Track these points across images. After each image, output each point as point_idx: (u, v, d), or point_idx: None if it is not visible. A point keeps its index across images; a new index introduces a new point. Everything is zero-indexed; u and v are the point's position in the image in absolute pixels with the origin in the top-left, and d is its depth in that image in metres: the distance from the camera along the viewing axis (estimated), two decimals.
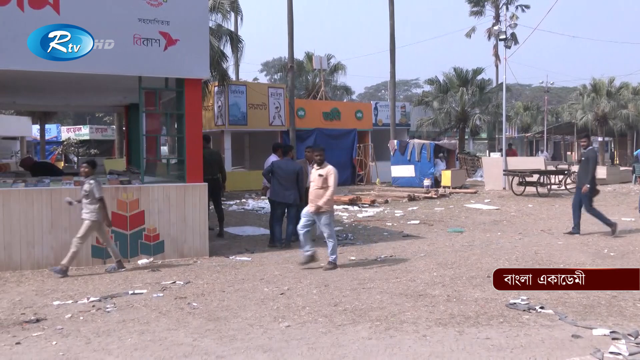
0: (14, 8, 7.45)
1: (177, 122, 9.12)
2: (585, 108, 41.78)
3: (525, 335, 4.99)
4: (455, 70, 34.72)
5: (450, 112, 34.23)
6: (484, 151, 45.45)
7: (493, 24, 40.92)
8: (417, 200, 17.94)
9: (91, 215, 7.42)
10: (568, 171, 20.98)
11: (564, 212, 14.24)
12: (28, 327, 5.33)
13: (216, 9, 20.90)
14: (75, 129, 40.85)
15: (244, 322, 5.44)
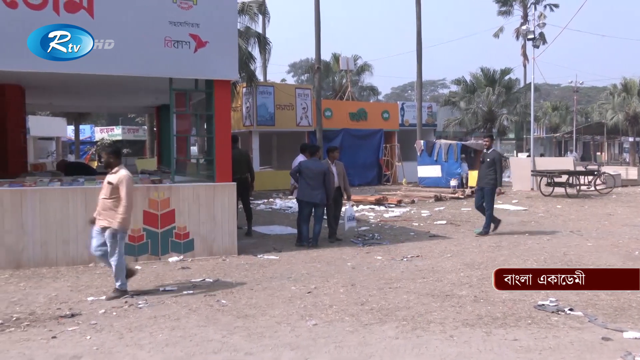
0: (50, 12, 7.59)
1: (207, 123, 9.20)
2: (616, 108, 40.87)
3: (554, 337, 4.90)
4: (483, 71, 34.32)
5: (477, 112, 33.84)
6: (512, 151, 44.80)
7: (521, 23, 40.40)
8: (443, 200, 17.79)
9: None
10: (598, 172, 20.54)
11: (593, 214, 13.97)
12: (63, 321, 5.42)
13: (244, 12, 21.06)
14: (108, 129, 41.62)
15: (271, 319, 5.46)
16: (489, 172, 10.39)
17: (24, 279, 7.13)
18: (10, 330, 5.14)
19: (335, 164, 10.14)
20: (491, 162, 10.37)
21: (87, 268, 7.80)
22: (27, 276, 7.29)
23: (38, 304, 6.04)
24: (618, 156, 52.59)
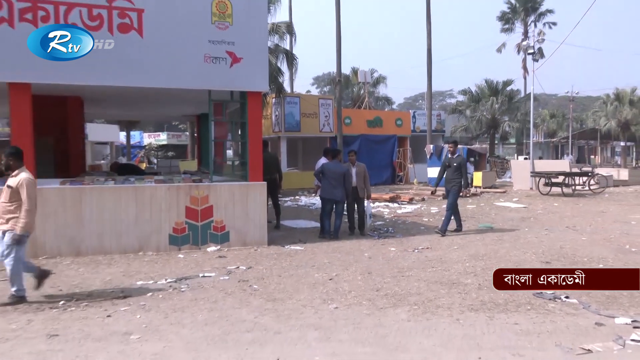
0: (105, 32, 7.69)
1: (241, 129, 9.25)
2: (609, 115, 40.10)
3: (551, 322, 4.83)
4: (487, 82, 33.93)
5: (482, 119, 33.47)
6: (513, 155, 44.16)
7: (522, 39, 39.80)
8: None
9: None
10: (592, 173, 20.15)
11: (587, 211, 13.69)
12: (117, 302, 5.49)
13: (274, 31, 21.14)
14: (155, 135, 42.13)
15: (297, 303, 5.47)
16: (456, 176, 9.99)
17: (82, 265, 7.24)
18: (71, 309, 5.23)
19: (357, 166, 10.12)
20: (457, 167, 9.96)
21: (137, 256, 7.88)
22: (85, 263, 7.40)
23: (95, 286, 6.13)
24: (610, 159, 51.45)
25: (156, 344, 4.31)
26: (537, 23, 42.15)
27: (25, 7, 7.31)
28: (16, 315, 5.04)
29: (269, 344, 4.31)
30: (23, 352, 4.14)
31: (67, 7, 7.49)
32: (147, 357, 4.04)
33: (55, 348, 4.21)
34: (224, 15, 8.28)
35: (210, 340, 4.41)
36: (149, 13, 7.87)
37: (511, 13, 44.06)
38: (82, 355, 4.07)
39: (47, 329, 4.63)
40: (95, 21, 7.62)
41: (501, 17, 44.43)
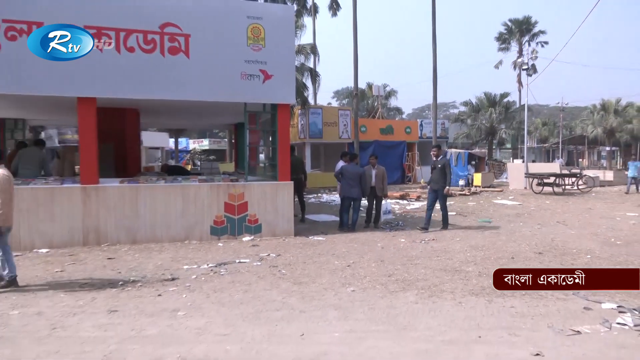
0: (157, 54, 7.81)
1: (272, 136, 9.26)
2: (595, 123, 39.03)
3: (544, 306, 4.71)
4: (485, 94, 33.44)
5: (481, 127, 32.98)
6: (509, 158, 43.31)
7: (517, 57, 39.00)
8: (453, 196, 17.32)
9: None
10: (580, 174, 19.63)
11: (576, 208, 13.33)
12: (166, 284, 5.55)
13: (300, 52, 21.19)
14: (199, 141, 42.58)
15: (320, 286, 5.46)
16: (441, 177, 9.43)
17: (138, 252, 7.34)
18: (128, 289, 5.31)
19: (376, 168, 10.09)
20: (442, 169, 9.42)
21: (183, 244, 7.97)
22: (140, 249, 7.51)
23: (148, 270, 6.21)
24: (597, 162, 49.98)
25: (199, 320, 4.34)
26: (531, 42, 41.26)
27: (92, 33, 7.42)
28: (82, 293, 5.15)
29: (295, 321, 4.31)
30: (88, 325, 4.22)
31: (126, 33, 7.62)
32: (192, 331, 4.08)
33: (114, 322, 4.28)
34: (258, 38, 8.31)
35: (245, 317, 4.43)
36: (194, 37, 7.95)
37: (507, 34, 43.26)
38: (137, 329, 4.12)
39: (108, 306, 4.72)
40: (149, 45, 7.73)
41: (499, 38, 43.70)
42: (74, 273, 5.99)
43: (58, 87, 7.44)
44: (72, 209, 7.65)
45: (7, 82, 7.23)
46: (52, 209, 7.57)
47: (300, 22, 22.60)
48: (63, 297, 5.00)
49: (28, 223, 7.46)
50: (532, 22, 42.44)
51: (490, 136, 33.35)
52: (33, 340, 3.87)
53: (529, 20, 42.37)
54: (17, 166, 9.00)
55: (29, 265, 6.42)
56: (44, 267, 6.34)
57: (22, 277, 5.79)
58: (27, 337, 3.92)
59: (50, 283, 5.54)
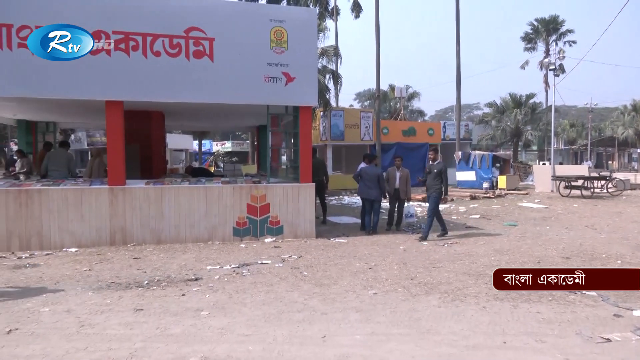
0: (182, 58, 7.94)
1: (294, 138, 9.30)
2: (626, 124, 37.83)
3: (572, 312, 4.58)
4: (511, 95, 32.85)
5: (506, 129, 32.39)
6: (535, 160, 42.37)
7: (544, 57, 38.14)
8: (477, 199, 17.08)
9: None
10: (610, 177, 19.03)
11: (605, 212, 12.93)
12: (190, 283, 5.62)
13: (323, 54, 21.21)
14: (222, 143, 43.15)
15: (341, 288, 5.44)
16: (436, 182, 8.82)
17: (162, 252, 7.47)
18: (153, 289, 5.41)
19: (401, 171, 10.03)
20: (438, 173, 8.82)
21: (206, 245, 8.07)
22: (164, 250, 7.64)
23: (172, 270, 6.30)
24: (627, 164, 48.39)
25: (222, 320, 4.39)
26: (558, 42, 40.28)
27: (119, 38, 7.65)
28: (109, 292, 5.27)
29: (317, 323, 4.31)
30: (115, 322, 4.32)
31: (152, 37, 7.78)
32: (215, 331, 4.13)
33: (140, 320, 4.37)
34: (281, 41, 8.36)
35: (267, 318, 4.45)
36: (218, 41, 8.06)
37: (534, 33, 42.33)
38: (162, 327, 4.20)
39: (134, 304, 4.82)
40: (175, 49, 7.88)
41: (524, 37, 42.80)
42: (102, 272, 6.15)
43: (87, 91, 7.66)
44: (100, 209, 7.85)
45: (39, 86, 7.47)
46: (81, 209, 7.79)
47: (322, 25, 22.65)
48: (91, 295, 5.13)
49: (58, 223, 7.69)
50: (559, 21, 41.41)
51: (515, 138, 32.72)
52: (62, 336, 3.99)
53: (556, 19, 41.38)
54: (47, 167, 9.30)
55: (58, 264, 6.61)
56: (73, 266, 6.52)
57: (53, 275, 5.97)
58: (57, 334, 4.04)
59: (79, 281, 5.69)
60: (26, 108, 9.99)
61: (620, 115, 40.21)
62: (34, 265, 6.58)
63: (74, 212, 7.76)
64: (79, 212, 7.78)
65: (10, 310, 4.63)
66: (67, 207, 7.73)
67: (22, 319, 4.39)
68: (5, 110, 10.48)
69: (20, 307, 4.72)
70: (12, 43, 7.20)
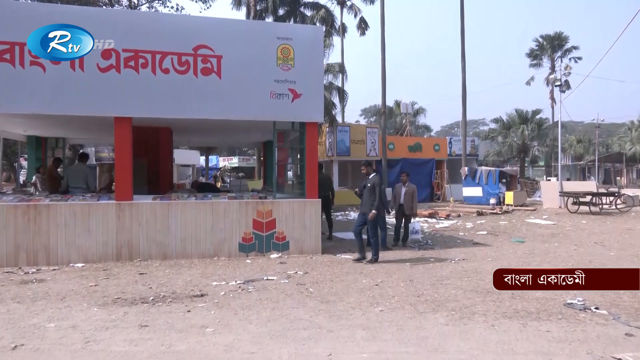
0: (191, 75, 8.05)
1: (300, 154, 9.34)
2: (634, 140, 37.65)
3: (582, 331, 4.49)
4: (517, 111, 32.87)
5: (512, 144, 32.30)
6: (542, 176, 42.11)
7: (549, 73, 38.25)
8: (484, 215, 16.97)
9: None
10: (618, 193, 18.86)
11: (615, 228, 12.79)
12: (195, 300, 5.59)
13: (329, 71, 21.47)
14: (228, 159, 43.37)
15: (347, 305, 5.39)
16: (371, 198, 8.07)
17: (168, 267, 7.46)
18: (158, 305, 5.39)
19: (407, 186, 10.01)
20: (372, 188, 8.09)
21: (212, 260, 8.06)
22: (170, 265, 7.63)
23: (178, 285, 6.28)
24: (636, 180, 47.98)
25: (227, 337, 4.35)
26: (563, 58, 40.44)
27: (129, 56, 7.78)
28: (115, 307, 5.26)
29: (323, 341, 4.26)
30: (120, 339, 4.29)
31: (162, 55, 7.91)
32: (220, 348, 4.09)
33: (145, 337, 4.34)
34: (287, 58, 8.47)
35: (272, 335, 4.41)
36: (226, 58, 8.17)
37: (539, 50, 42.56)
38: (167, 344, 4.17)
39: (139, 320, 4.79)
40: (183, 66, 8.00)
41: (530, 54, 43.03)
42: (107, 287, 6.14)
43: (96, 107, 7.77)
44: (107, 224, 7.88)
45: (50, 102, 7.59)
46: (89, 224, 7.82)
47: (328, 42, 22.94)
48: (96, 311, 5.12)
49: (65, 238, 7.73)
50: (564, 37, 41.66)
51: (522, 154, 32.63)
52: (68, 352, 3.97)
53: (560, 35, 41.63)
54: (67, 184, 9.36)
55: (65, 280, 6.62)
56: (79, 281, 6.53)
57: (59, 291, 5.98)
58: (62, 350, 4.02)
59: (85, 297, 5.69)
60: (37, 124, 10.13)
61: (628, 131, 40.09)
62: (41, 280, 6.59)
63: (81, 227, 7.80)
64: (86, 227, 7.81)
65: (17, 325, 4.63)
66: (74, 222, 7.77)
67: (28, 334, 4.38)
68: (16, 127, 10.64)
69: (26, 322, 4.72)
70: (24, 61, 7.35)
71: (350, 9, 30.44)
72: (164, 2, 19.92)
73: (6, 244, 7.52)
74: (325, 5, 27.63)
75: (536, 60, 42.69)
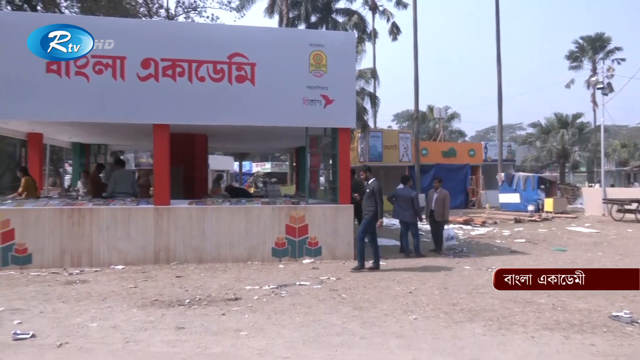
0: (225, 82, 8.22)
1: (332, 160, 9.34)
2: None
3: (629, 345, 4.27)
4: (556, 115, 31.79)
5: (552, 150, 31.21)
6: (583, 182, 40.45)
7: (590, 75, 36.81)
8: (522, 222, 16.43)
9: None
10: None
11: None
12: (230, 303, 5.67)
13: (361, 76, 21.45)
14: (261, 164, 43.91)
15: (380, 312, 5.34)
16: (370, 204, 7.84)
17: (203, 271, 7.61)
18: (194, 307, 5.49)
19: (438, 192, 9.90)
20: (371, 193, 7.84)
21: (246, 265, 8.16)
22: (205, 269, 7.78)
23: (213, 289, 6.38)
24: None
25: (261, 341, 4.39)
26: (605, 60, 38.80)
27: (167, 65, 8.04)
28: (153, 309, 5.40)
29: (356, 348, 4.23)
30: (158, 340, 4.41)
31: (198, 64, 8.13)
32: (254, 352, 4.13)
33: (182, 339, 4.44)
34: (320, 65, 8.52)
35: (305, 340, 4.41)
36: (260, 66, 8.30)
37: (579, 52, 41.03)
38: (203, 346, 4.24)
39: (175, 322, 4.90)
40: (218, 74, 8.18)
41: (569, 56, 41.54)
42: (146, 289, 6.32)
43: (136, 115, 8.05)
44: (146, 228, 8.12)
45: (94, 111, 7.92)
46: (129, 228, 8.09)
47: (360, 48, 22.94)
48: (136, 312, 5.27)
49: (107, 241, 8.02)
50: (605, 38, 40.01)
51: (562, 159, 31.47)
52: (109, 352, 4.11)
53: (601, 37, 40.01)
54: (114, 189, 9.73)
55: (106, 281, 6.86)
56: (120, 282, 6.75)
57: (101, 291, 6.20)
58: (104, 349, 4.17)
59: (124, 298, 5.88)
60: (81, 131, 10.60)
61: None
62: (84, 281, 6.86)
63: (122, 231, 8.07)
64: (127, 231, 8.08)
65: (62, 324, 4.83)
66: (115, 226, 8.05)
67: (72, 333, 4.56)
68: (62, 134, 11.17)
69: (70, 321, 4.92)
70: (70, 71, 7.71)
71: (382, 14, 30.36)
72: (200, 13, 20.50)
73: (52, 246, 7.87)
74: (357, 11, 27.70)
75: (576, 63, 41.17)
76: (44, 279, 6.99)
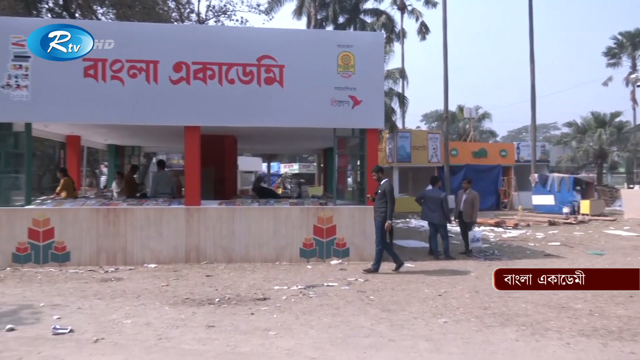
0: (254, 84, 8.32)
1: (360, 160, 9.31)
2: None
3: None
4: (593, 114, 30.56)
5: (588, 150, 30.04)
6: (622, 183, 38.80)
7: (629, 72, 35.35)
8: (556, 225, 15.91)
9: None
10: None
11: None
12: (258, 303, 5.72)
13: (389, 77, 21.25)
14: (289, 165, 44.20)
15: (409, 315, 5.28)
16: (381, 205, 7.62)
17: (233, 270, 7.71)
18: (224, 306, 5.58)
19: (467, 193, 9.73)
20: (382, 194, 7.61)
21: (274, 265, 8.23)
22: (235, 268, 7.88)
23: (242, 288, 6.46)
24: None
25: (289, 341, 4.41)
26: None
27: (198, 68, 8.21)
28: (184, 307, 5.52)
29: (384, 350, 4.20)
30: (189, 337, 4.50)
31: (228, 66, 8.26)
32: (282, 352, 4.16)
33: (212, 337, 4.51)
34: (348, 66, 8.51)
35: (333, 341, 4.41)
36: (288, 67, 8.37)
37: (618, 48, 39.36)
38: (232, 345, 4.30)
39: (206, 321, 4.99)
40: (248, 76, 8.29)
41: (607, 53, 39.92)
42: (177, 288, 6.46)
43: (169, 117, 8.25)
44: (177, 228, 8.31)
45: (129, 114, 8.17)
46: (161, 228, 8.29)
47: (388, 48, 22.75)
48: (168, 310, 5.40)
49: (141, 240, 8.25)
50: None
51: (599, 159, 30.25)
52: (142, 348, 4.22)
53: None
54: (156, 189, 10.01)
55: (139, 279, 7.06)
56: (152, 281, 6.93)
57: (135, 289, 6.38)
58: (138, 345, 4.29)
59: (157, 296, 6.03)
60: (116, 134, 10.95)
61: None
62: (119, 279, 7.08)
63: (155, 230, 8.28)
64: (159, 230, 8.28)
65: (98, 320, 5.00)
66: (148, 226, 8.27)
67: (108, 329, 4.72)
68: (98, 136, 11.57)
69: (106, 318, 5.08)
70: (106, 75, 7.99)
71: (411, 14, 30.01)
72: (229, 16, 20.80)
73: (89, 245, 8.16)
74: (385, 11, 27.52)
75: (614, 59, 39.54)
76: (81, 276, 7.25)
